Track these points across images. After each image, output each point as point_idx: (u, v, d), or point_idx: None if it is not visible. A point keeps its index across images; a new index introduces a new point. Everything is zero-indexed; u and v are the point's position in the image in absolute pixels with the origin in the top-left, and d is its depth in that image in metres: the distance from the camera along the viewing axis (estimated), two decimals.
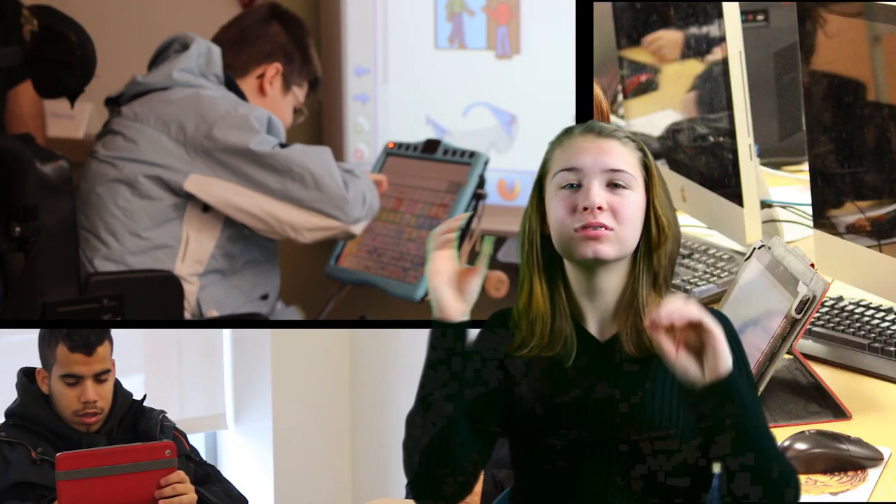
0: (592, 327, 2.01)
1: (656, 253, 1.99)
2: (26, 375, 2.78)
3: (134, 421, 2.75)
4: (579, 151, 1.99)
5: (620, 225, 1.95)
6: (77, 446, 2.62)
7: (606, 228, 1.95)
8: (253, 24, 3.31)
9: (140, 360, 3.80)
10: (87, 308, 2.93)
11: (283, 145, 3.09)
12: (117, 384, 2.75)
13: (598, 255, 1.95)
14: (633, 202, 1.97)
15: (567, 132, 2.03)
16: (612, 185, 1.97)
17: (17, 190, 2.85)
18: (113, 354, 2.73)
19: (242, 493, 2.77)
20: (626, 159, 1.98)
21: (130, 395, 2.78)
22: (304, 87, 3.35)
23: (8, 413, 2.77)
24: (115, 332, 2.76)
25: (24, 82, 3.26)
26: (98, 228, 3.07)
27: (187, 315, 3.10)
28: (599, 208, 1.94)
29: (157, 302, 3.04)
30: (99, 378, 2.69)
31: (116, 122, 3.14)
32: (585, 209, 1.95)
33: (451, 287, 1.93)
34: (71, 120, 3.88)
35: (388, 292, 3.39)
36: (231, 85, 3.20)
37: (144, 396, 2.78)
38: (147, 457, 2.47)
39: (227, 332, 3.90)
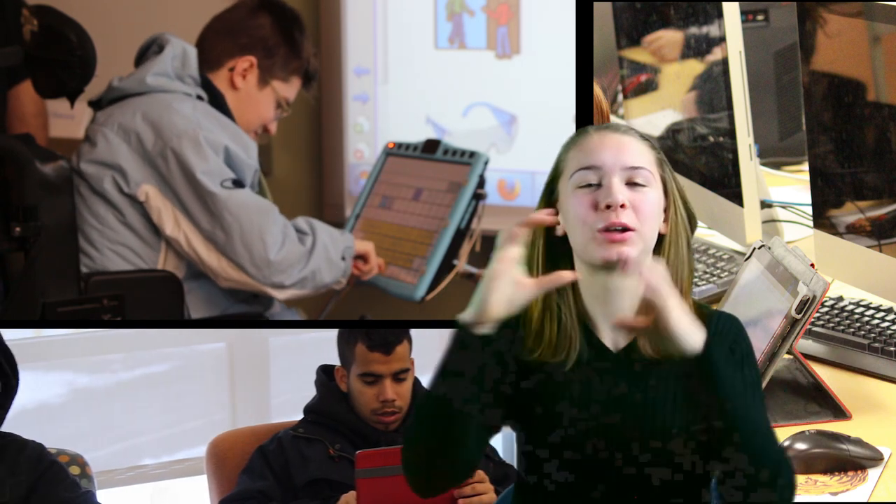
0: (605, 336, 1.99)
1: (689, 247, 1.98)
2: (325, 373, 2.79)
3: None
4: (598, 149, 1.96)
5: (642, 223, 1.94)
6: (374, 444, 2.61)
7: (629, 229, 1.92)
8: (239, 16, 3.26)
9: (438, 359, 3.76)
10: (87, 308, 2.93)
11: (236, 182, 3.03)
12: (416, 383, 2.72)
13: (623, 257, 1.92)
14: (652, 199, 1.96)
15: (582, 132, 2.01)
16: (632, 184, 1.95)
17: (17, 190, 2.85)
18: (412, 353, 2.70)
19: None
20: (644, 157, 1.97)
21: None
22: (291, 82, 3.28)
23: (307, 410, 2.78)
24: (413, 332, 2.73)
25: (26, 82, 3.26)
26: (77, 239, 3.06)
27: None
28: (622, 206, 1.92)
29: (157, 302, 3.04)
30: (398, 377, 2.67)
31: (90, 127, 3.13)
32: (608, 207, 1.92)
33: (505, 293, 1.86)
34: (71, 120, 3.87)
35: (388, 292, 3.38)
36: (208, 86, 3.17)
37: None
38: None
39: None
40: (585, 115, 2.91)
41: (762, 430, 1.89)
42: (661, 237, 1.98)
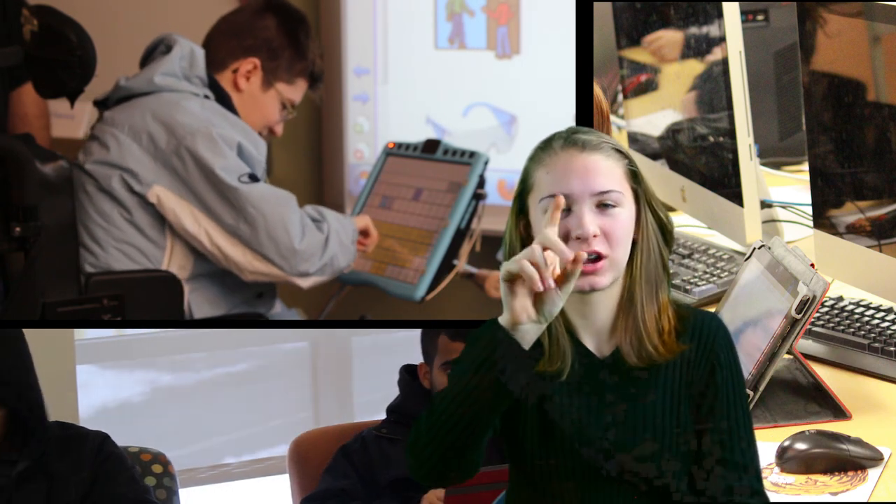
0: (589, 344, 1.99)
1: (663, 251, 1.97)
2: (409, 373, 2.79)
3: None
4: (565, 174, 1.93)
5: (613, 248, 1.93)
6: None
7: (601, 258, 1.92)
8: (245, 17, 3.25)
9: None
10: (87, 308, 2.93)
11: (252, 176, 3.03)
12: None
13: (595, 287, 1.92)
14: (622, 220, 1.94)
15: (546, 146, 1.97)
16: (602, 205, 1.93)
17: (17, 190, 2.85)
18: None
19: None
20: (613, 176, 1.95)
21: None
22: (296, 84, 3.27)
23: (390, 409, 2.79)
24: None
25: (29, 83, 3.26)
26: (82, 236, 3.05)
27: None
28: (594, 236, 1.91)
29: (157, 302, 3.04)
30: None
31: (97, 127, 3.12)
32: (578, 238, 1.90)
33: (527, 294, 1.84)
34: (71, 120, 3.88)
35: (388, 292, 3.38)
36: (214, 86, 3.16)
37: None
38: None
39: None
40: (585, 115, 2.91)
41: (741, 446, 1.94)
42: (633, 243, 1.97)
